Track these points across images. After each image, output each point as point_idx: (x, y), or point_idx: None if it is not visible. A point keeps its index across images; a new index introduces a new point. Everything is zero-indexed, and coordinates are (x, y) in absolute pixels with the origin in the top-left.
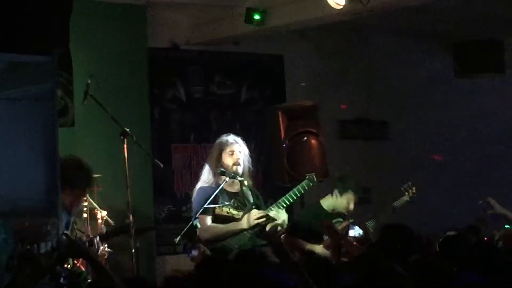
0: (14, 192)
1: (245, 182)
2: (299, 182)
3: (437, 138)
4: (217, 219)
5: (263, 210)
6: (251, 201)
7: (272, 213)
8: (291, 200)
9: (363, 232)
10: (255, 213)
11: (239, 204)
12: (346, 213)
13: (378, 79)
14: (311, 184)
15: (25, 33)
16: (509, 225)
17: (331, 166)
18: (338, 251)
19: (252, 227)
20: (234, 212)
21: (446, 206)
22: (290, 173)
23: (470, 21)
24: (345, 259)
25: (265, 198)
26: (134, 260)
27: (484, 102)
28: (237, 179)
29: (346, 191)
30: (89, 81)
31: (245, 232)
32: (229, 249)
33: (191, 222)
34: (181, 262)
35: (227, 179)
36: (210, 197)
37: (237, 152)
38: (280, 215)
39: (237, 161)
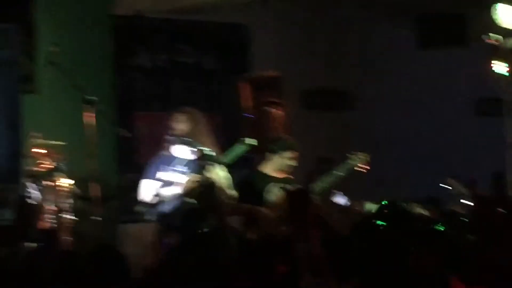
0: None
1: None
2: (263, 152)
3: (399, 109)
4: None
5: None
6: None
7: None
8: (226, 163)
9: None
10: (190, 179)
11: (186, 169)
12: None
13: (343, 50)
14: (244, 150)
15: None
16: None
17: (294, 136)
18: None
19: (185, 192)
20: (178, 178)
21: (407, 176)
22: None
23: None
24: None
25: (230, 168)
26: (97, 228)
27: (446, 75)
28: (202, 150)
29: (282, 150)
30: (51, 48)
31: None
32: (163, 214)
33: (156, 193)
34: (143, 230)
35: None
36: (160, 163)
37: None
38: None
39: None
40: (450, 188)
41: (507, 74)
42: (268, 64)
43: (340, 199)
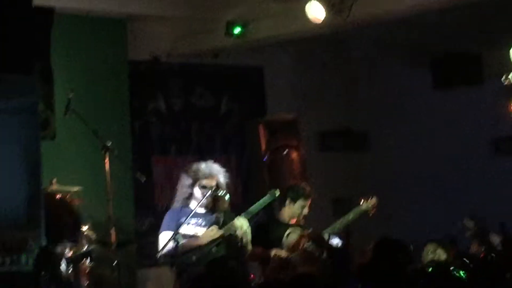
0: None
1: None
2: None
3: (416, 149)
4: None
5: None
6: (220, 218)
7: (230, 226)
8: (252, 215)
9: (342, 243)
10: (212, 230)
11: (204, 223)
12: (301, 223)
13: (358, 91)
14: (272, 199)
15: (6, 49)
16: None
17: (311, 177)
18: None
19: (209, 243)
20: (198, 231)
21: (425, 216)
22: (271, 187)
23: (448, 34)
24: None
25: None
26: (116, 273)
27: (462, 115)
28: (218, 194)
29: (297, 198)
30: (70, 96)
31: (204, 248)
32: (187, 264)
33: (171, 237)
34: (162, 275)
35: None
36: (177, 216)
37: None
38: (238, 227)
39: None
40: (468, 228)
41: None
42: (285, 107)
43: (336, 241)
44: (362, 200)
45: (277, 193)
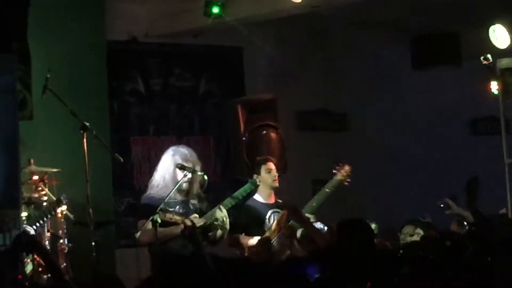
0: None
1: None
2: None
3: (394, 130)
4: (161, 224)
5: (206, 213)
6: (196, 205)
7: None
8: (233, 203)
9: (326, 227)
10: (192, 220)
11: (184, 210)
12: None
13: (337, 71)
14: (253, 187)
15: None
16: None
17: (290, 157)
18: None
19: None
20: (177, 218)
21: (403, 197)
22: (249, 166)
23: (427, 14)
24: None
25: (224, 191)
26: (94, 253)
27: (441, 95)
28: (196, 174)
29: (257, 169)
30: (48, 75)
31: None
32: (167, 252)
33: (151, 218)
34: (141, 255)
35: (188, 174)
36: (156, 203)
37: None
38: (219, 218)
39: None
40: (447, 208)
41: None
42: (264, 86)
43: (319, 225)
44: (335, 171)
45: (258, 181)
